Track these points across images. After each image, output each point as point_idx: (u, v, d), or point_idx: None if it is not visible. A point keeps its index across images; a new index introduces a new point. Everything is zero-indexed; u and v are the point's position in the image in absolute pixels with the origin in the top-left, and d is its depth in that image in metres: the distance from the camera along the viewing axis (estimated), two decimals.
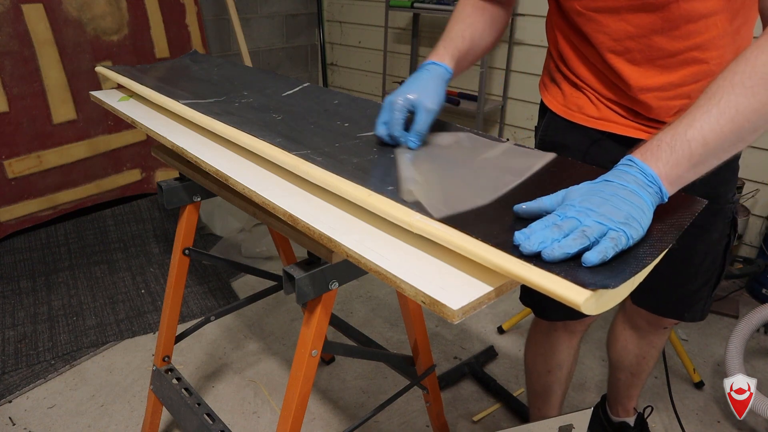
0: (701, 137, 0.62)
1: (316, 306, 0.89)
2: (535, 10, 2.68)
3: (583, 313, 0.52)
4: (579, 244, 0.56)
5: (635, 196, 0.61)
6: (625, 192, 0.61)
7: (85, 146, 2.28)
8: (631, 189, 0.61)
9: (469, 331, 2.01)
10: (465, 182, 0.77)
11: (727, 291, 2.23)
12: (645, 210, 0.61)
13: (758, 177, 2.28)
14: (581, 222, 0.59)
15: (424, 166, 0.82)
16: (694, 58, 0.83)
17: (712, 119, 0.62)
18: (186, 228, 1.23)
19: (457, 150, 0.88)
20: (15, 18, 2.00)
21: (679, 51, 0.83)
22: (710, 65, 0.84)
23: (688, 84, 0.86)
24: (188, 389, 1.29)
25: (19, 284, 2.09)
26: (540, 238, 0.58)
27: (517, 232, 0.60)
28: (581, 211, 0.60)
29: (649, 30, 0.82)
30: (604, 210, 0.59)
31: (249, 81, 1.29)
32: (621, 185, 0.62)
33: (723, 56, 0.84)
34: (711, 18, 0.79)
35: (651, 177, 0.62)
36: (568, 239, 0.57)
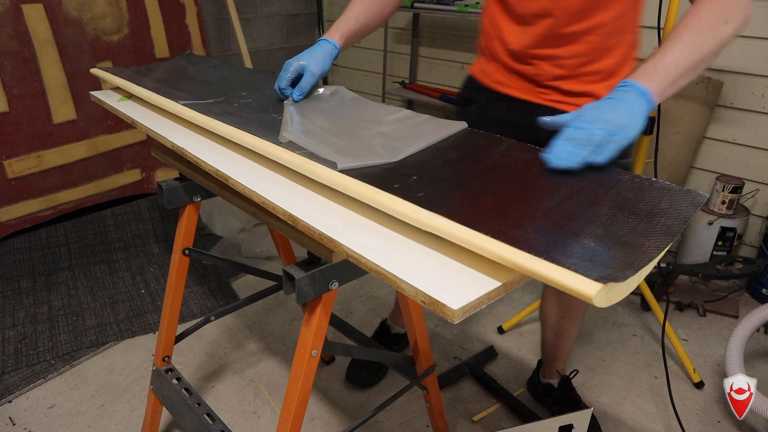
0: (674, 62, 0.85)
1: (316, 306, 0.89)
2: None
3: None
4: (586, 150, 0.76)
5: (630, 106, 0.81)
6: (624, 105, 0.80)
7: (85, 146, 2.28)
8: (628, 102, 0.81)
9: (469, 331, 2.01)
10: (377, 141, 0.91)
11: (727, 291, 2.23)
12: (639, 116, 0.80)
13: (758, 177, 2.28)
14: (592, 132, 0.77)
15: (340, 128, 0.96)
16: (577, 38, 1.07)
17: (677, 52, 0.86)
18: (186, 228, 1.23)
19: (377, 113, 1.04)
20: (15, 18, 2.00)
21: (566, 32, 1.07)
22: (585, 46, 1.08)
23: (570, 58, 1.09)
24: (188, 389, 1.29)
25: (19, 284, 2.09)
26: (560, 153, 0.77)
27: (543, 154, 0.78)
28: (591, 121, 0.78)
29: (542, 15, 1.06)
30: (608, 117, 0.78)
31: (247, 81, 1.29)
32: (620, 99, 0.81)
33: (598, 42, 1.08)
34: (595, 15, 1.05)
35: (644, 91, 0.82)
36: (582, 147, 0.76)
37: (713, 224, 2.22)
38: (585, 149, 0.76)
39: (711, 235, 2.24)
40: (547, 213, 0.68)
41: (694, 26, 0.86)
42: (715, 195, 2.22)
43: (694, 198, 0.69)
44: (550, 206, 0.69)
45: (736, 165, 2.32)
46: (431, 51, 3.18)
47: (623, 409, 1.67)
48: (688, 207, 0.67)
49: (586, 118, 0.79)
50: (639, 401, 1.70)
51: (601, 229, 0.64)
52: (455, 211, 0.67)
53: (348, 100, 1.13)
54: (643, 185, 0.73)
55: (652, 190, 0.72)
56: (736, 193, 2.18)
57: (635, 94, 0.82)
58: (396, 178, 0.77)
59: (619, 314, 2.12)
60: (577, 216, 0.67)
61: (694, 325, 2.08)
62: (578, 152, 0.76)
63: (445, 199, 0.71)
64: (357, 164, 0.81)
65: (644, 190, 0.72)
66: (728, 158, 2.33)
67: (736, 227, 2.21)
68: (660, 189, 0.72)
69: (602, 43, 1.09)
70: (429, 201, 0.70)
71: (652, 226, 0.64)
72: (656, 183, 0.73)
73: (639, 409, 1.67)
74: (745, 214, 2.24)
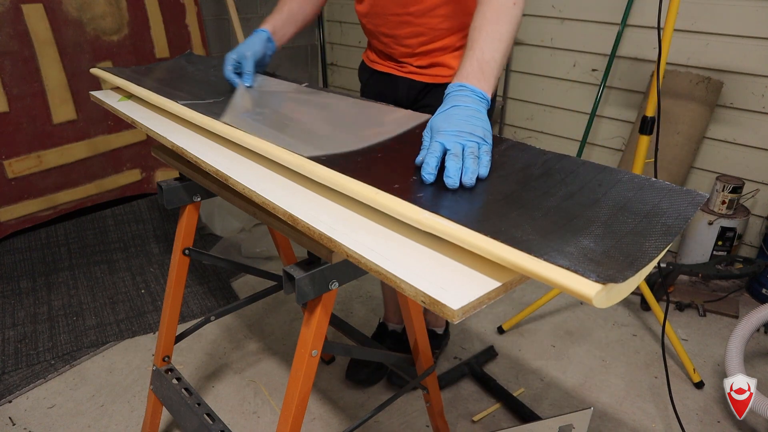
0: (491, 57, 0.91)
1: (316, 306, 0.89)
2: (535, 10, 2.68)
3: None
4: (475, 163, 0.77)
5: (479, 113, 0.84)
6: (472, 112, 0.84)
7: (85, 146, 2.28)
8: (475, 108, 0.84)
9: (469, 331, 2.01)
10: (337, 129, 0.97)
11: (727, 291, 2.23)
12: (486, 120, 0.84)
13: (758, 177, 2.28)
14: (465, 146, 0.79)
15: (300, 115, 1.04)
16: (409, 21, 1.17)
17: (490, 44, 0.91)
18: (186, 228, 1.23)
19: (334, 104, 1.11)
20: (15, 18, 2.00)
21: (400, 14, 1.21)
22: (421, 28, 1.20)
23: (409, 38, 1.25)
24: (188, 389, 1.29)
25: (19, 284, 2.09)
26: (450, 171, 0.75)
27: (423, 174, 0.76)
28: (458, 135, 0.80)
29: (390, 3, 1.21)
30: (469, 129, 0.81)
31: None
32: (467, 107, 0.84)
33: (431, 23, 1.19)
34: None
35: (482, 95, 0.87)
36: (468, 163, 0.76)
37: (713, 224, 2.22)
38: (471, 161, 0.76)
39: (711, 235, 2.24)
40: (547, 213, 0.68)
41: (492, 16, 0.94)
42: (715, 195, 2.22)
43: (693, 198, 0.69)
44: (550, 206, 0.69)
45: (736, 165, 2.32)
46: None
47: (623, 409, 1.67)
48: (688, 207, 0.67)
49: (445, 132, 0.80)
50: (639, 401, 1.70)
51: (600, 229, 0.64)
52: (455, 212, 0.67)
53: (304, 89, 1.23)
54: (643, 185, 0.73)
55: (652, 190, 0.72)
56: (736, 193, 2.18)
57: (476, 98, 0.86)
58: (390, 176, 0.77)
59: (619, 314, 2.12)
60: (577, 216, 0.67)
61: (694, 325, 2.08)
62: (468, 165, 0.76)
63: (445, 200, 0.71)
64: (324, 152, 0.85)
65: (644, 190, 0.72)
66: (728, 158, 2.33)
67: (736, 227, 2.21)
68: (660, 189, 0.72)
69: (439, 25, 1.21)
70: (429, 201, 0.70)
71: (652, 226, 0.64)
72: (656, 183, 0.73)
73: (639, 409, 1.67)
74: (745, 214, 2.24)
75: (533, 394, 1.72)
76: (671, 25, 1.54)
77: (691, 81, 2.22)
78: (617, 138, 2.62)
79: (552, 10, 2.62)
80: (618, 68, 2.51)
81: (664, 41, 1.55)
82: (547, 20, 2.66)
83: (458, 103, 0.85)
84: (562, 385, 1.76)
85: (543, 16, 2.66)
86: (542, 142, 2.89)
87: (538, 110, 2.85)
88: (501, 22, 0.93)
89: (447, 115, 0.83)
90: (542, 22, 2.68)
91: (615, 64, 2.50)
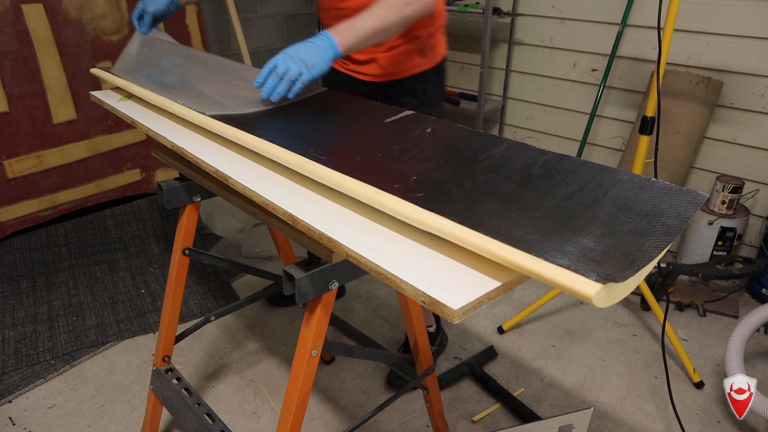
0: (362, 27, 1.11)
1: (316, 306, 0.89)
2: (535, 10, 2.68)
3: None
4: (286, 87, 1.05)
5: (321, 51, 1.07)
6: (315, 48, 1.07)
7: (85, 146, 2.28)
8: (320, 47, 1.07)
9: (469, 331, 2.01)
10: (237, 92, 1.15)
11: (727, 291, 2.23)
12: (326, 60, 1.07)
13: (758, 177, 2.28)
14: (289, 67, 1.04)
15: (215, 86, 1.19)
16: (348, 16, 1.25)
17: (368, 21, 1.12)
18: (186, 228, 1.23)
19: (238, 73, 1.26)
20: (15, 18, 1.99)
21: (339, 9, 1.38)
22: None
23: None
24: (188, 389, 1.29)
25: (19, 284, 2.09)
26: (267, 86, 1.05)
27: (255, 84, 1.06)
28: (292, 57, 1.05)
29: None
30: (303, 56, 1.05)
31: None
32: (313, 43, 1.08)
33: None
34: None
35: (334, 43, 1.08)
36: (281, 87, 1.05)
37: (713, 224, 2.22)
38: (283, 86, 1.04)
39: (711, 235, 2.24)
40: (547, 213, 0.68)
41: (385, 4, 1.14)
42: (715, 195, 2.22)
43: (693, 198, 0.69)
44: (550, 206, 0.69)
45: (736, 165, 2.32)
46: None
47: (623, 409, 1.67)
48: (688, 207, 0.67)
49: (288, 53, 1.06)
50: (639, 401, 1.70)
51: (600, 229, 0.64)
52: (455, 211, 0.67)
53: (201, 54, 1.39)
54: (643, 185, 0.73)
55: (652, 190, 0.72)
56: (736, 193, 2.18)
57: (327, 43, 1.08)
58: (390, 176, 0.77)
59: (619, 314, 2.12)
60: (577, 216, 0.67)
61: (694, 325, 2.08)
62: (279, 88, 1.04)
63: (445, 199, 0.71)
64: (222, 112, 1.02)
65: (644, 190, 0.72)
66: (728, 158, 2.33)
67: (736, 227, 2.21)
68: (660, 189, 0.72)
69: None
70: (429, 201, 0.70)
71: (652, 225, 0.64)
72: (656, 183, 0.73)
73: (639, 409, 1.67)
74: (745, 214, 2.24)
75: (533, 394, 1.72)
76: (671, 25, 1.54)
77: (691, 81, 2.22)
78: (617, 138, 2.62)
79: (552, 10, 2.62)
80: (618, 68, 2.51)
81: (664, 41, 1.55)
82: (547, 20, 2.66)
83: (312, 40, 1.08)
84: (562, 385, 1.76)
85: (543, 16, 2.67)
86: (542, 142, 2.89)
87: (538, 110, 2.86)
88: (388, 9, 1.15)
89: (298, 44, 1.08)
90: (542, 22, 2.68)
91: (615, 64, 2.50)
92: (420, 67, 1.48)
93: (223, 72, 1.28)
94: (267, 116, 1.05)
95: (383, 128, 0.98)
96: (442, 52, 1.53)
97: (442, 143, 0.91)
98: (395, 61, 1.46)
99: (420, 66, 1.48)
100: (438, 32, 1.49)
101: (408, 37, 1.42)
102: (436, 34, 1.48)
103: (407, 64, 1.46)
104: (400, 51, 1.44)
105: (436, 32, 1.48)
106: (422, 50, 1.46)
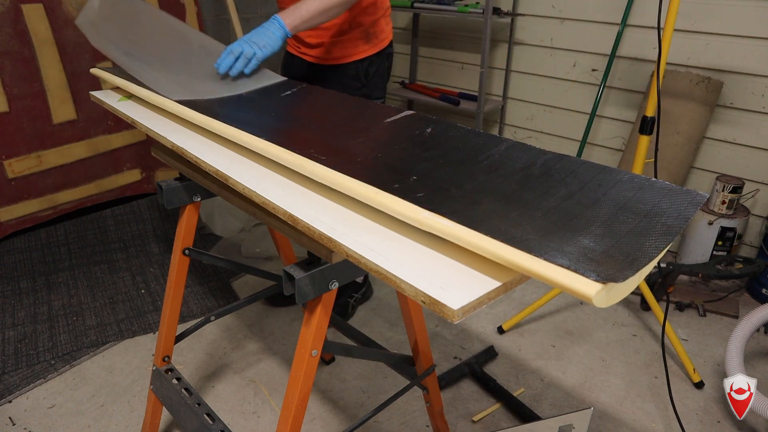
0: (306, 9, 1.31)
1: (316, 306, 0.89)
2: (535, 10, 2.68)
3: None
4: (243, 64, 1.25)
5: (271, 33, 1.28)
6: (266, 30, 1.28)
7: (85, 146, 2.28)
8: (269, 29, 1.28)
9: (469, 331, 2.01)
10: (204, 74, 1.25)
11: (727, 291, 2.23)
12: (276, 40, 1.28)
13: (758, 177, 2.28)
14: (243, 48, 1.24)
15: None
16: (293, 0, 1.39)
17: (312, 3, 1.31)
18: (186, 228, 1.23)
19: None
20: (15, 18, 1.99)
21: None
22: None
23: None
24: (188, 389, 1.29)
25: (19, 284, 2.09)
26: (224, 63, 1.24)
27: (216, 65, 1.25)
28: (246, 40, 1.26)
29: None
30: (256, 39, 1.26)
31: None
32: (264, 26, 1.28)
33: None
34: None
35: (281, 23, 1.29)
36: (238, 64, 1.25)
37: (713, 224, 2.22)
38: (241, 62, 1.24)
39: (711, 235, 2.24)
40: (547, 213, 0.68)
41: None
42: (715, 195, 2.22)
43: (693, 198, 0.69)
44: (550, 206, 0.69)
45: (736, 165, 2.32)
46: (431, 51, 3.18)
47: (623, 409, 1.67)
48: (688, 207, 0.67)
49: (243, 38, 1.26)
50: (639, 401, 1.70)
51: (600, 229, 0.64)
52: (455, 211, 0.67)
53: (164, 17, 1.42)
54: (643, 185, 0.73)
55: (652, 190, 0.72)
56: (736, 193, 2.18)
57: (276, 25, 1.28)
58: (390, 175, 0.77)
59: (619, 314, 2.12)
60: (577, 216, 0.67)
61: (694, 325, 2.08)
62: (236, 64, 1.24)
63: (445, 199, 0.71)
64: (187, 97, 1.09)
65: (644, 190, 0.72)
66: (728, 158, 2.33)
67: (736, 227, 2.21)
68: (660, 189, 0.72)
69: None
70: (429, 201, 0.70)
71: (652, 225, 0.64)
72: (656, 183, 0.73)
73: (639, 409, 1.67)
74: (745, 214, 2.24)
75: (533, 394, 1.72)
76: (671, 25, 1.54)
77: (691, 81, 2.22)
78: (617, 138, 2.62)
79: (552, 10, 2.62)
80: (618, 68, 2.51)
81: (664, 41, 1.55)
82: (547, 20, 2.66)
83: (263, 25, 1.28)
84: (562, 385, 1.76)
85: (543, 16, 2.67)
86: (542, 142, 2.89)
87: (538, 110, 2.86)
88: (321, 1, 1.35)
89: (254, 31, 1.27)
90: (542, 22, 2.68)
91: (615, 64, 2.50)
92: (365, 52, 1.64)
93: (189, 42, 1.39)
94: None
95: (383, 128, 0.98)
96: (387, 39, 1.68)
97: (442, 143, 0.91)
98: (342, 47, 1.62)
99: (365, 51, 1.64)
100: (382, 20, 1.64)
101: (353, 24, 1.58)
102: (380, 21, 1.63)
103: (353, 49, 1.62)
104: (346, 37, 1.60)
105: (380, 20, 1.63)
106: (367, 37, 1.62)
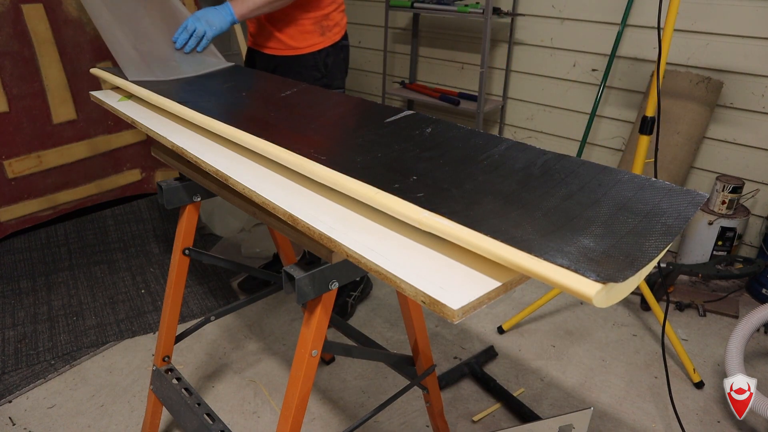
0: (253, 2, 1.49)
1: (316, 306, 0.89)
2: (535, 10, 2.68)
3: None
4: (195, 42, 1.41)
5: (221, 15, 1.44)
6: (216, 12, 1.44)
7: (85, 146, 2.28)
8: (220, 12, 1.44)
9: (469, 331, 2.01)
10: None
11: (727, 291, 2.23)
12: (225, 22, 1.45)
13: (758, 177, 2.28)
14: (196, 26, 1.40)
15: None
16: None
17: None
18: (186, 228, 1.23)
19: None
20: (15, 18, 2.00)
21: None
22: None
23: (252, 18, 1.66)
24: (188, 389, 1.29)
25: (19, 284, 2.09)
26: (180, 39, 1.40)
27: (173, 39, 1.41)
28: (199, 18, 1.42)
29: None
30: (208, 18, 1.43)
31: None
32: (215, 8, 1.43)
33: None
34: None
35: (230, 9, 1.46)
36: (192, 42, 1.41)
37: (713, 224, 2.22)
38: (193, 41, 1.40)
39: (711, 235, 2.24)
40: (547, 213, 0.68)
41: None
42: (715, 195, 2.22)
43: (693, 198, 0.69)
44: (550, 206, 0.69)
45: (736, 165, 2.32)
46: (431, 51, 3.18)
47: (623, 409, 1.67)
48: (688, 207, 0.67)
49: (197, 15, 1.41)
50: (639, 401, 1.70)
51: (600, 229, 0.64)
52: (455, 211, 0.67)
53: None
54: (643, 185, 0.73)
55: (652, 190, 0.72)
56: (736, 193, 2.18)
57: (227, 10, 1.45)
58: (390, 176, 0.77)
59: (619, 314, 2.12)
60: (576, 216, 0.67)
61: (694, 325, 2.08)
62: (189, 42, 1.40)
63: (445, 199, 0.71)
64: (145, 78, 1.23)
65: (644, 190, 0.72)
66: (728, 158, 2.33)
67: (736, 227, 2.21)
68: (660, 189, 0.72)
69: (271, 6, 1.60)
70: (429, 201, 0.70)
71: (652, 225, 0.64)
72: (656, 183, 0.73)
73: (639, 409, 1.67)
74: (745, 214, 2.24)
75: (533, 394, 1.72)
76: (671, 25, 1.54)
77: (691, 81, 2.22)
78: (617, 138, 2.62)
79: (552, 10, 2.62)
80: (618, 68, 2.51)
81: (664, 41, 1.55)
82: (547, 20, 2.66)
83: (215, 7, 1.43)
84: (562, 385, 1.76)
85: (543, 16, 2.67)
86: (542, 142, 2.89)
87: (538, 110, 2.86)
88: None
89: (206, 9, 1.42)
90: (542, 22, 2.68)
91: (615, 64, 2.50)
92: (320, 44, 1.73)
93: (162, 10, 1.46)
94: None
95: (383, 128, 0.98)
96: (341, 32, 1.77)
97: (442, 143, 0.91)
98: (296, 39, 1.71)
99: (320, 44, 1.73)
100: (335, 13, 1.73)
101: (306, 18, 1.68)
102: (333, 14, 1.72)
103: (307, 41, 1.72)
104: (299, 30, 1.70)
105: (333, 13, 1.72)
106: (321, 30, 1.71)
